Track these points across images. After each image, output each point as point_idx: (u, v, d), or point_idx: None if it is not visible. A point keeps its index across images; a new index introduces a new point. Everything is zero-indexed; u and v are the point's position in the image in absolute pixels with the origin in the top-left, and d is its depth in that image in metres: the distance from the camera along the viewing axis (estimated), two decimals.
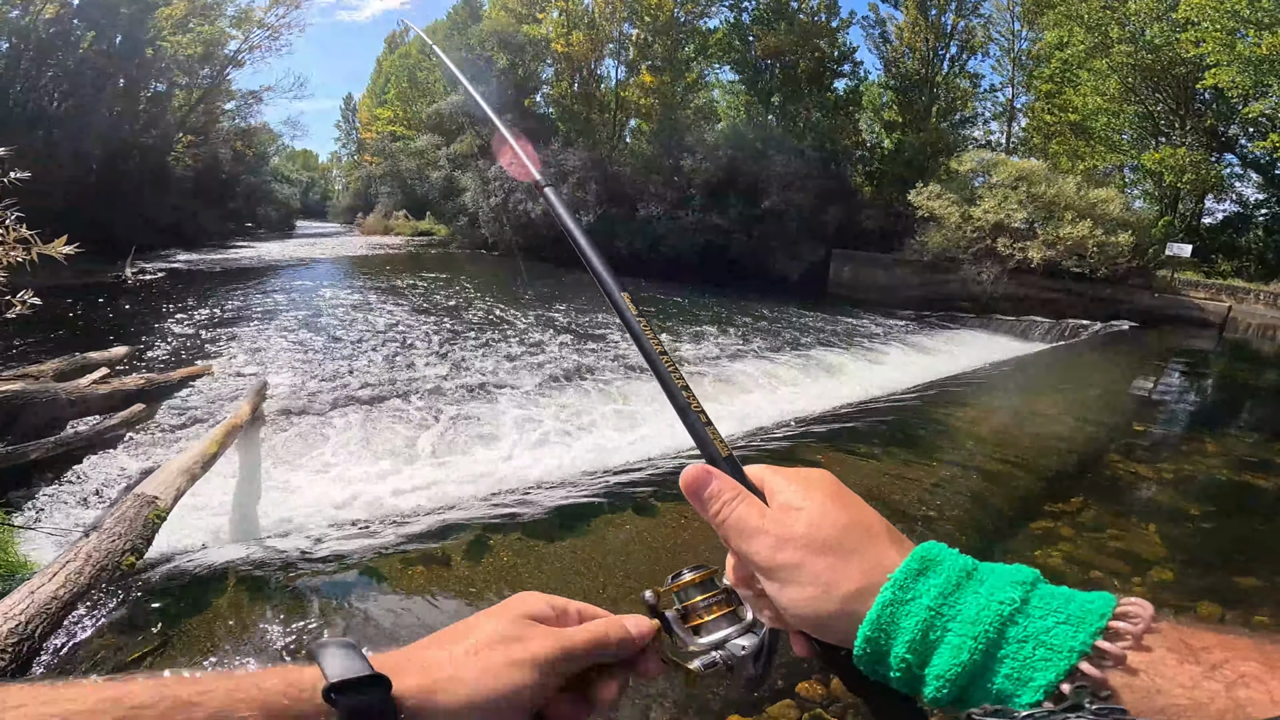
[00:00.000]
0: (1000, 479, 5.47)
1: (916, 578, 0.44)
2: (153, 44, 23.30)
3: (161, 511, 3.67)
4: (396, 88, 45.71)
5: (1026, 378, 10.39)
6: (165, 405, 7.17)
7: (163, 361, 8.97)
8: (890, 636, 0.43)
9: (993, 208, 17.40)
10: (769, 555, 0.48)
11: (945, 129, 25.67)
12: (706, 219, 22.05)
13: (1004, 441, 6.51)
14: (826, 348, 12.37)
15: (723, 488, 0.53)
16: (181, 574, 3.67)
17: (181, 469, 4.16)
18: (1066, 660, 0.37)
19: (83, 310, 12.66)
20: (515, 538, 4.29)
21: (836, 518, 0.48)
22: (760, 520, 0.50)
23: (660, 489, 5.04)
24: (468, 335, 11.30)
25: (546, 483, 5.65)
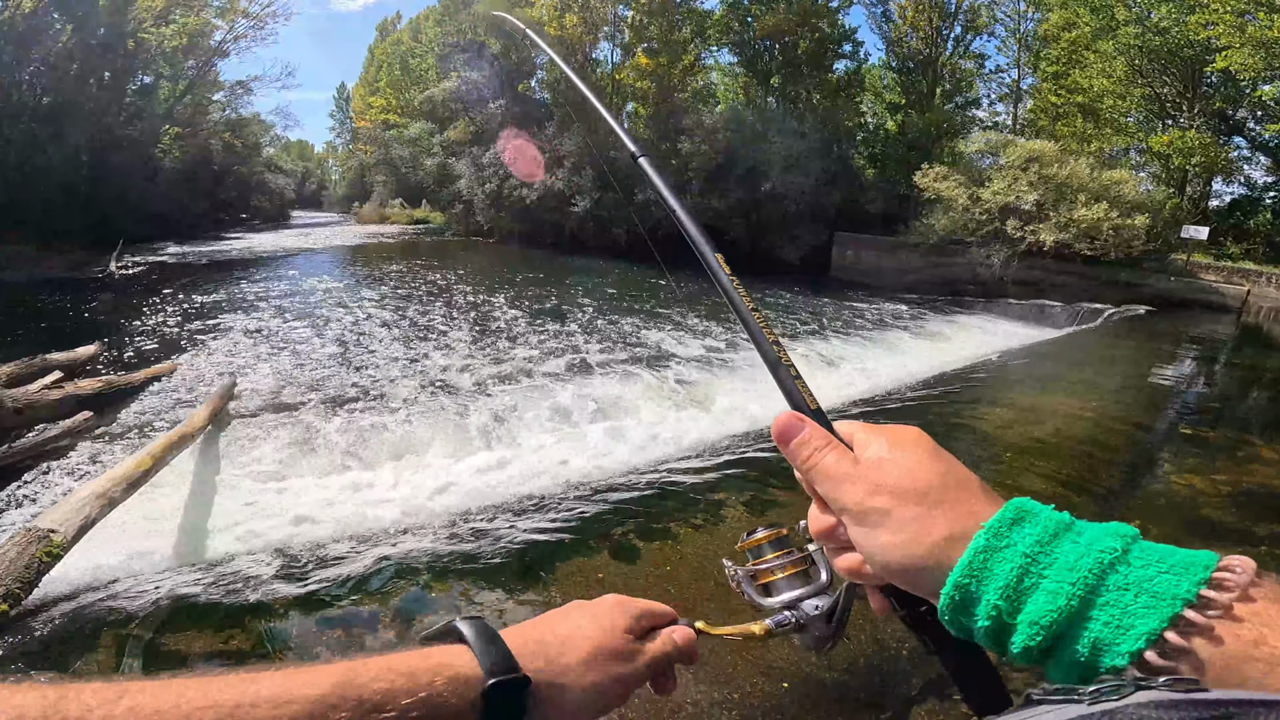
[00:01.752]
0: (1042, 498, 4.56)
1: (1011, 526, 0.44)
2: (134, 36, 22.67)
3: (56, 548, 3.24)
4: (389, 75, 44.97)
5: (1049, 369, 9.59)
6: (126, 409, 6.75)
7: (132, 360, 8.53)
8: (982, 582, 0.42)
9: (1002, 189, 16.91)
10: (860, 500, 0.49)
11: (950, 110, 25.07)
12: (705, 203, 21.54)
13: (1040, 450, 5.77)
14: (829, 335, 11.80)
15: (813, 434, 0.54)
16: (78, 618, 3.23)
17: (95, 494, 3.72)
18: (1170, 607, 0.36)
19: (60, 306, 12.27)
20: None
21: (931, 468, 0.49)
22: (852, 468, 0.51)
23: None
24: (451, 330, 10.83)
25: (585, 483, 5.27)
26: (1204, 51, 17.30)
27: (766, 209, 21.12)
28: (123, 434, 6.00)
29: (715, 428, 6.91)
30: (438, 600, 3.44)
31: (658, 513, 4.60)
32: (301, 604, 3.34)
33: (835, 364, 9.86)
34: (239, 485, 5.12)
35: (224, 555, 4.18)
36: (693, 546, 4.08)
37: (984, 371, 9.58)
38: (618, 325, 11.59)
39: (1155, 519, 4.41)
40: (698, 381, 8.30)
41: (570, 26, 26.98)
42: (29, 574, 3.12)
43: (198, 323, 10.81)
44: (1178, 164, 18.93)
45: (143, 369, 7.73)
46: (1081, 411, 6.95)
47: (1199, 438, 6.49)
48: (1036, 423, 6.56)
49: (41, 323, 10.77)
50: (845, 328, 12.65)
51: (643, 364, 8.92)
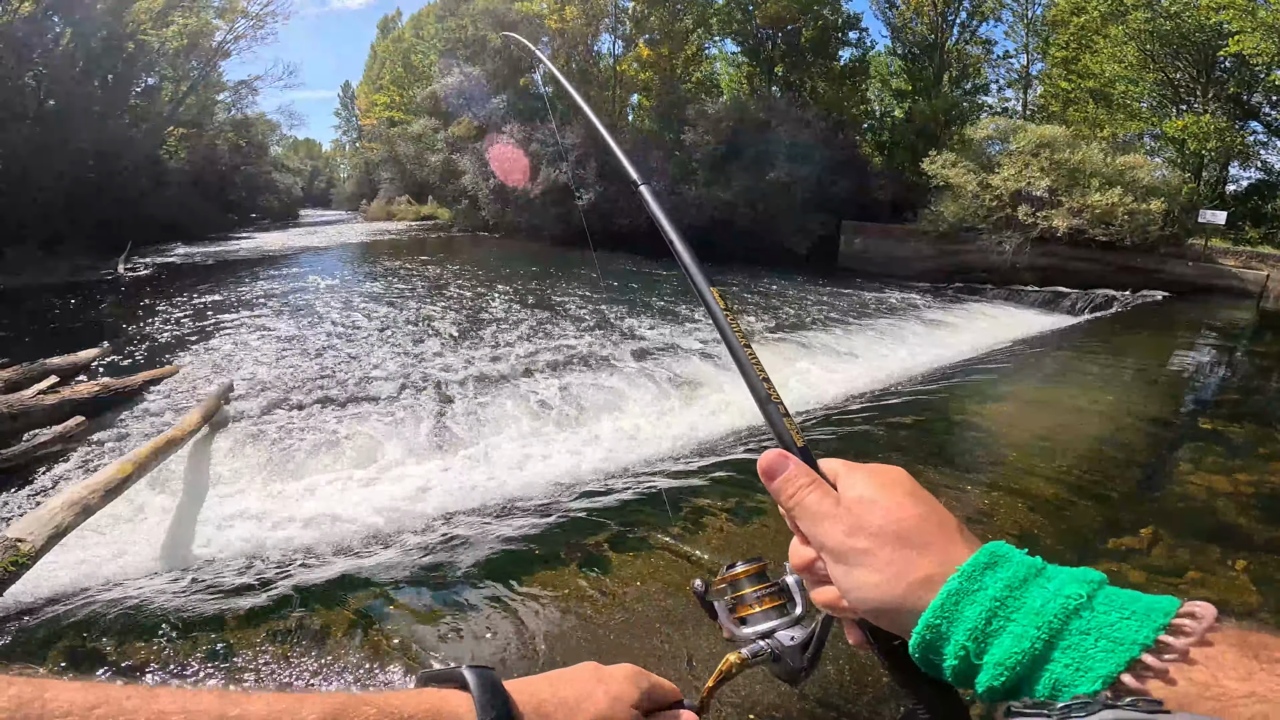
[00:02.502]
0: (1051, 506, 4.42)
1: (984, 571, 0.46)
2: (133, 38, 22.70)
3: (23, 557, 3.16)
4: (391, 73, 44.89)
5: (1062, 359, 9.17)
6: (123, 413, 6.72)
7: (136, 363, 8.52)
8: (952, 624, 0.45)
9: (1013, 175, 16.58)
10: (841, 540, 0.51)
11: (958, 97, 24.62)
12: (711, 193, 21.34)
13: (1050, 450, 5.38)
14: (836, 326, 11.53)
15: (798, 473, 0.56)
16: (48, 627, 3.14)
17: (70, 502, 3.65)
18: (1128, 652, 0.38)
19: (67, 309, 12.33)
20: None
21: (911, 511, 0.50)
22: (834, 507, 0.53)
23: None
24: (446, 328, 10.74)
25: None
26: (1216, 36, 16.96)
27: (772, 198, 20.87)
28: (117, 439, 5.97)
29: (704, 424, 6.78)
30: (402, 614, 3.29)
31: (635, 520, 4.33)
32: (267, 614, 3.24)
33: (841, 356, 9.64)
34: (227, 489, 5.06)
35: (204, 561, 4.11)
36: (666, 559, 3.80)
37: (994, 362, 9.26)
38: (612, 320, 11.45)
39: (1170, 525, 4.13)
40: (689, 377, 8.13)
41: (571, 19, 26.75)
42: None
43: (202, 324, 10.80)
44: (1193, 149, 18.58)
45: (142, 372, 7.71)
46: (1093, 405, 6.60)
47: (1219, 433, 6.14)
48: (1044, 418, 6.24)
49: (48, 326, 10.81)
50: (853, 318, 12.38)
51: (634, 359, 8.78)
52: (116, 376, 7.49)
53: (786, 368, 8.73)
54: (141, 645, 2.90)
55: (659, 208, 0.88)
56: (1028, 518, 4.24)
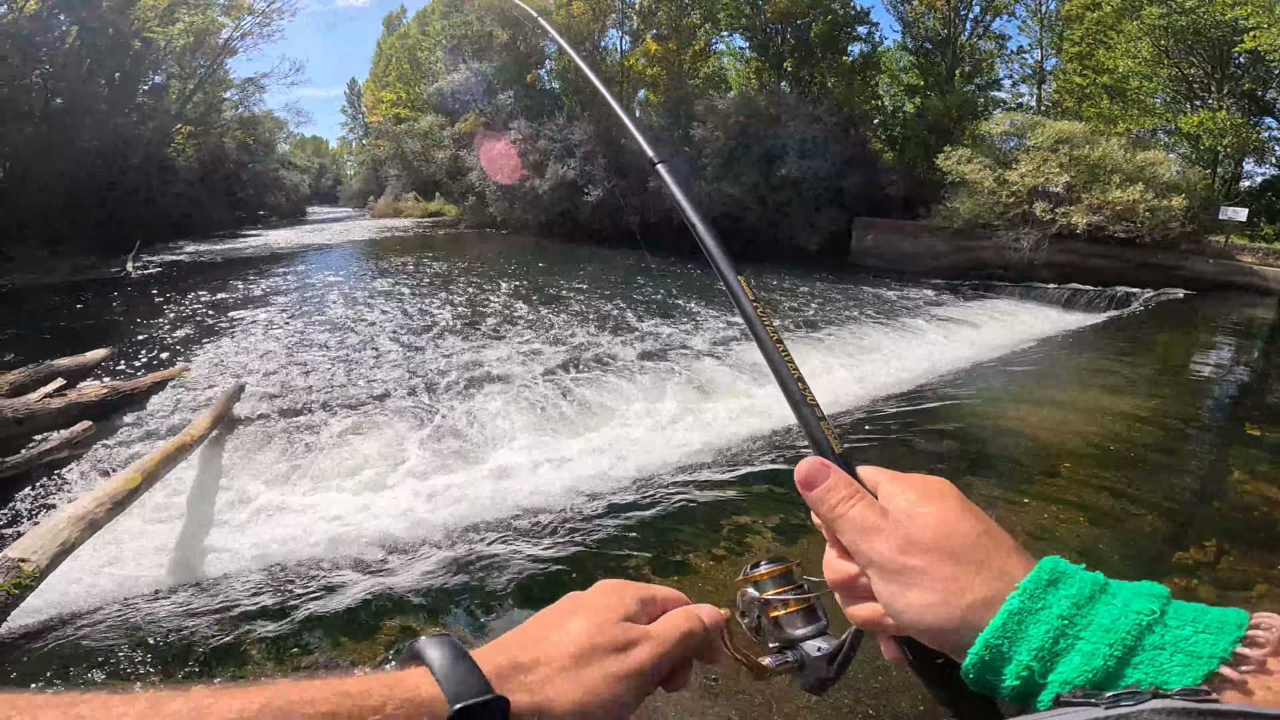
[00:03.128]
0: (1113, 519, 4.19)
1: (1046, 588, 0.44)
2: (139, 35, 22.59)
3: (26, 578, 3.01)
4: (397, 69, 44.71)
5: (1091, 359, 8.90)
6: (131, 417, 6.59)
7: (143, 364, 8.42)
8: (1014, 643, 0.43)
9: (1030, 171, 16.33)
10: (892, 556, 0.48)
11: (970, 93, 24.31)
12: (720, 189, 21.13)
13: (1099, 458, 5.12)
14: (851, 323, 11.30)
15: (839, 483, 0.53)
16: (53, 651, 2.98)
17: (75, 517, 3.50)
18: (1206, 665, 0.38)
19: (74, 309, 12.24)
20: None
21: (966, 527, 0.48)
22: (882, 520, 0.50)
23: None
24: (457, 328, 10.58)
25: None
26: (1231, 32, 16.64)
27: (783, 194, 20.66)
28: (125, 444, 5.84)
29: (732, 427, 6.58)
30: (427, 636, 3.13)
31: (674, 540, 4.11)
32: (281, 642, 3.07)
33: (860, 354, 9.41)
34: (237, 498, 4.92)
35: (214, 577, 3.96)
36: (713, 584, 3.58)
37: (1021, 363, 9.01)
38: (626, 317, 11.28)
39: (1233, 537, 3.92)
40: (713, 378, 7.95)
41: (578, 14, 26.50)
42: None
43: (210, 323, 10.70)
44: (1208, 144, 18.36)
45: (150, 374, 7.59)
46: (1138, 411, 6.37)
47: (1268, 440, 5.88)
48: (1092, 425, 5.99)
49: (57, 326, 10.72)
50: (868, 315, 12.15)
51: (653, 359, 8.60)
52: (124, 378, 7.38)
53: (803, 366, 8.49)
54: (156, 678, 2.74)
55: (678, 187, 0.80)
56: (1091, 532, 4.06)
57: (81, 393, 6.40)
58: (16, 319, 11.21)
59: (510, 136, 26.48)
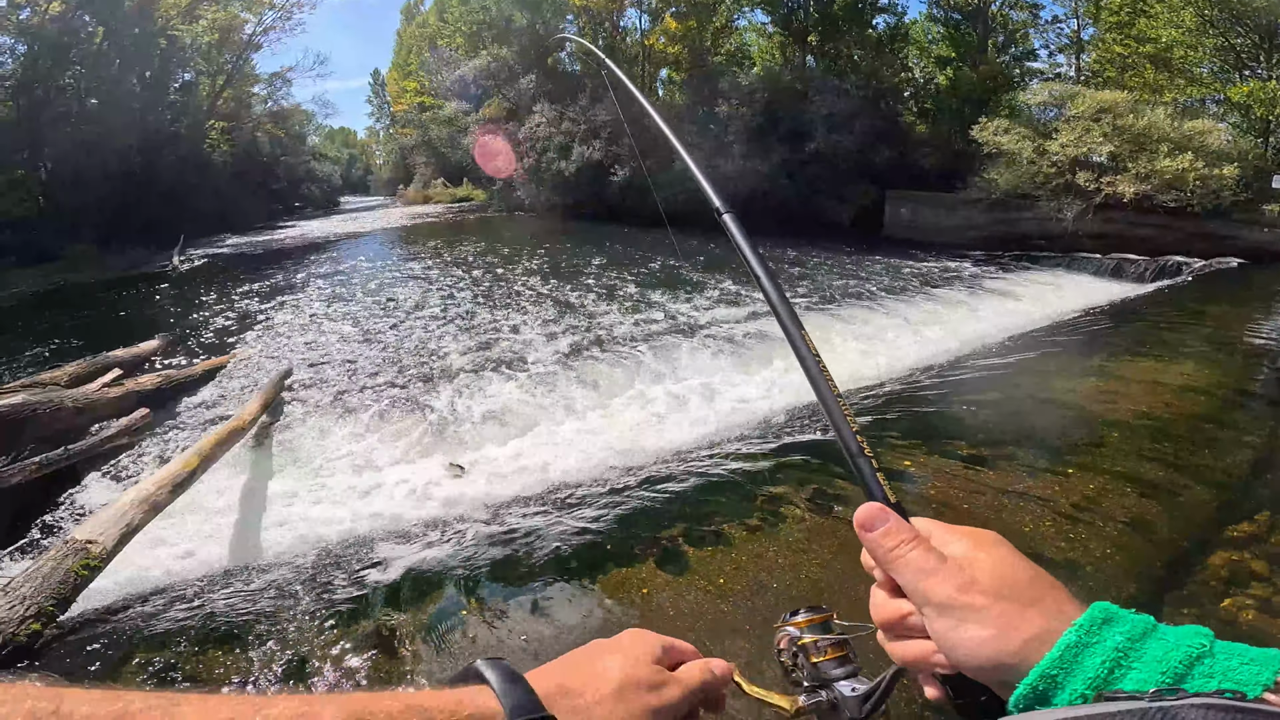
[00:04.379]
0: (1162, 491, 4.03)
1: (1101, 625, 0.47)
2: (164, 34, 23.08)
3: (94, 559, 3.17)
4: (419, 58, 44.84)
5: (1139, 331, 8.53)
6: (185, 404, 6.87)
7: (194, 352, 8.74)
8: (1069, 674, 0.46)
9: (1072, 141, 15.73)
10: (952, 595, 0.51)
11: (1005, 64, 23.43)
12: (747, 165, 20.83)
13: (1154, 431, 4.89)
14: (889, 297, 11.09)
15: (898, 527, 0.57)
16: (116, 634, 3.08)
17: (138, 499, 3.66)
18: (1253, 691, 0.40)
19: (125, 303, 12.74)
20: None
21: (1021, 572, 0.52)
22: (941, 563, 0.53)
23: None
24: (491, 308, 10.70)
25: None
26: (1278, 2, 15.83)
27: (812, 169, 20.28)
28: (180, 429, 6.10)
29: (766, 402, 6.57)
30: (473, 617, 3.20)
31: (709, 512, 4.11)
32: (336, 617, 3.17)
33: (897, 326, 9.25)
34: (289, 480, 5.09)
35: (271, 560, 4.11)
36: (748, 554, 3.59)
37: (1066, 334, 8.71)
38: (652, 295, 11.27)
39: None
40: (746, 352, 7.93)
41: None
42: (64, 589, 3.04)
43: (255, 312, 11.04)
44: (1260, 114, 17.39)
45: (201, 362, 7.89)
46: (1190, 381, 6.08)
47: None
48: (1141, 395, 5.74)
49: (111, 319, 11.18)
50: (906, 288, 11.90)
51: (684, 335, 8.60)
52: (177, 367, 7.67)
53: (844, 341, 8.44)
54: (216, 653, 2.86)
55: (742, 235, 0.87)
56: (1139, 504, 3.91)
57: (138, 382, 6.69)
58: (73, 314, 11.74)
59: (530, 120, 26.47)
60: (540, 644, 2.93)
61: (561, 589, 3.36)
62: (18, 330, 10.55)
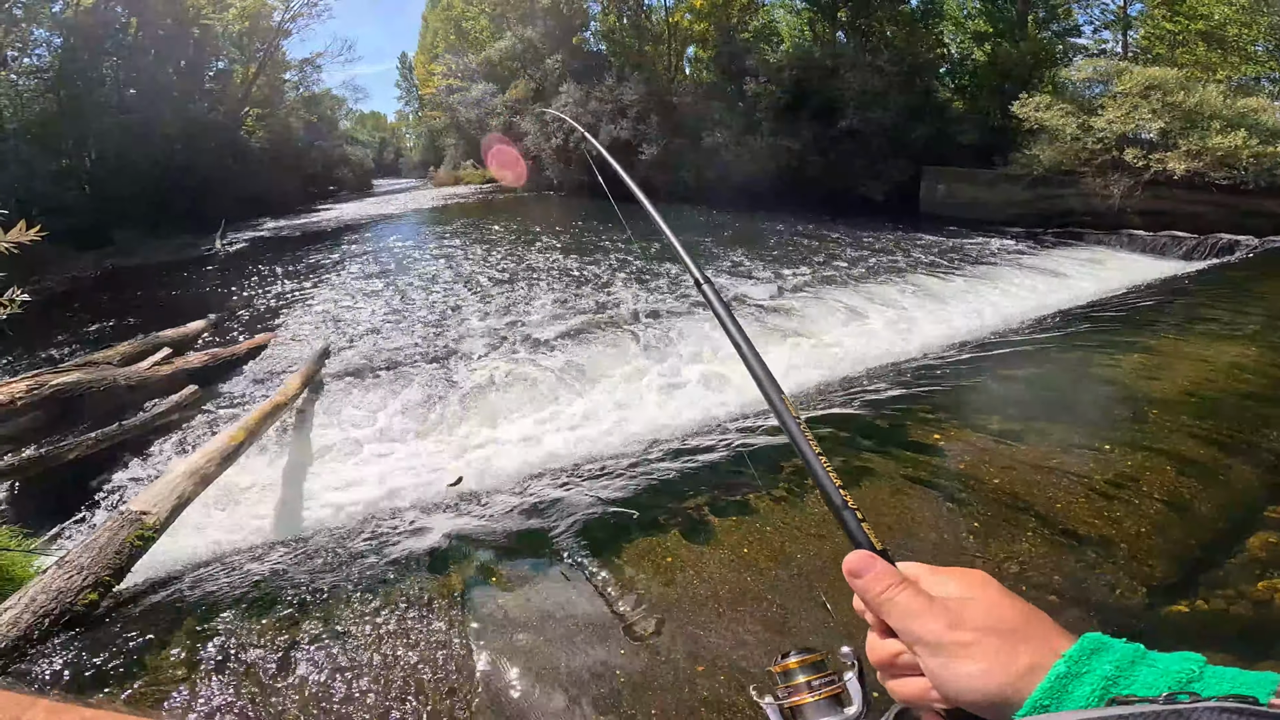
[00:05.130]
0: (1204, 469, 3.89)
1: (1090, 655, 0.49)
2: (196, 23, 23.54)
3: (148, 530, 3.31)
4: (445, 41, 44.84)
5: (1187, 308, 8.17)
6: (231, 381, 7.15)
7: (238, 332, 9.06)
8: (1060, 703, 0.47)
9: (1119, 118, 15.14)
10: (941, 633, 0.54)
11: (1047, 39, 22.51)
12: (777, 143, 20.52)
13: (1198, 408, 4.71)
14: (923, 273, 10.88)
15: (885, 572, 0.60)
16: (167, 605, 3.19)
17: (189, 471, 3.82)
18: (1263, 698, 0.40)
19: (173, 285, 13.23)
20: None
21: (1009, 608, 0.54)
22: (929, 604, 0.56)
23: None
24: (523, 283, 10.81)
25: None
26: None
27: (844, 146, 19.85)
28: (227, 405, 6.36)
29: (791, 375, 6.58)
30: (502, 583, 3.27)
31: (735, 483, 4.09)
32: (376, 585, 3.26)
33: (933, 303, 9.10)
34: (327, 455, 5.28)
35: (313, 529, 4.28)
36: (774, 524, 3.58)
37: (1109, 310, 8.43)
38: (677, 272, 11.25)
39: None
40: (776, 326, 7.91)
41: None
42: (120, 560, 3.13)
43: (295, 292, 11.37)
44: None
45: (246, 341, 8.19)
46: (1239, 358, 5.81)
47: None
48: (1186, 371, 5.54)
49: (159, 301, 11.63)
50: (942, 264, 11.65)
51: (704, 310, 8.57)
52: (223, 346, 7.97)
53: (879, 315, 8.36)
54: (263, 621, 2.96)
55: (723, 308, 0.95)
56: (1178, 482, 3.79)
57: (186, 360, 6.98)
58: (123, 296, 12.24)
59: (557, 100, 26.43)
60: (566, 609, 3.02)
61: (587, 557, 3.42)
62: (73, 311, 11.07)
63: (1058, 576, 3.06)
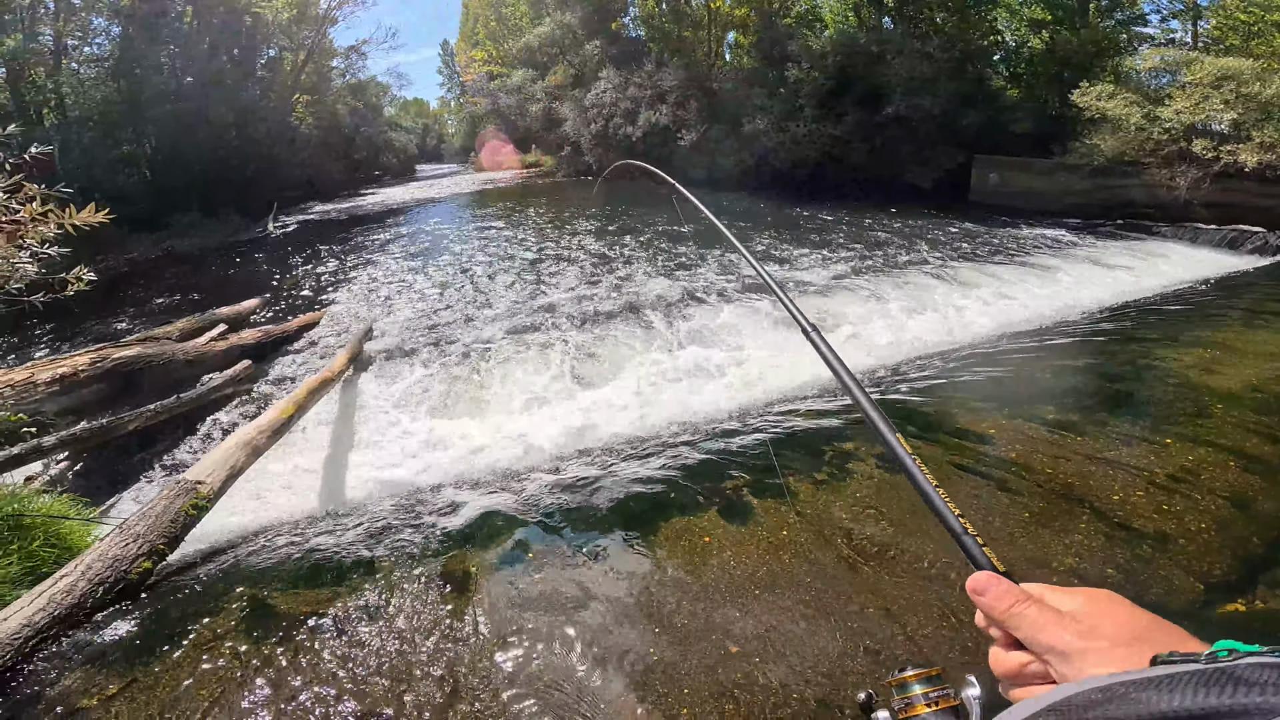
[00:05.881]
0: (1269, 467, 3.72)
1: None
2: (248, 11, 24.14)
3: (202, 499, 3.42)
4: (485, 27, 45.09)
5: (1255, 302, 7.74)
6: (282, 357, 7.40)
7: (289, 310, 9.38)
8: None
9: (1188, 108, 14.33)
10: (1071, 641, 0.56)
11: (1111, 28, 21.44)
12: (820, 129, 20.12)
13: (1266, 404, 4.51)
14: (976, 260, 10.62)
15: (1011, 589, 0.63)
16: (217, 575, 3.28)
17: (242, 443, 3.95)
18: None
19: (228, 265, 13.77)
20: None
21: (1140, 618, 0.56)
22: (1058, 616, 0.58)
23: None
24: (561, 264, 10.88)
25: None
26: None
27: (890, 132, 19.31)
28: (278, 381, 6.59)
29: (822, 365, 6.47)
30: (537, 559, 3.30)
31: (771, 466, 4.03)
32: (416, 559, 3.33)
33: (987, 291, 8.87)
34: (370, 430, 5.43)
35: (358, 503, 4.40)
36: (814, 507, 3.54)
37: (1172, 303, 8.07)
38: (725, 256, 11.17)
39: None
40: (819, 310, 7.81)
41: None
42: (175, 528, 3.20)
43: (342, 273, 11.70)
44: None
45: (296, 319, 8.46)
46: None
47: None
48: (1254, 367, 5.29)
49: (215, 280, 12.12)
50: (994, 254, 11.29)
51: (753, 294, 8.52)
52: (275, 323, 8.25)
53: (932, 303, 8.21)
54: (308, 593, 3.04)
55: (830, 352, 1.05)
56: (1241, 479, 3.63)
57: (240, 337, 7.25)
58: (180, 276, 12.78)
59: (596, 86, 26.45)
60: (601, 586, 3.04)
61: (624, 535, 3.44)
62: (134, 290, 11.61)
63: (1111, 569, 2.98)
